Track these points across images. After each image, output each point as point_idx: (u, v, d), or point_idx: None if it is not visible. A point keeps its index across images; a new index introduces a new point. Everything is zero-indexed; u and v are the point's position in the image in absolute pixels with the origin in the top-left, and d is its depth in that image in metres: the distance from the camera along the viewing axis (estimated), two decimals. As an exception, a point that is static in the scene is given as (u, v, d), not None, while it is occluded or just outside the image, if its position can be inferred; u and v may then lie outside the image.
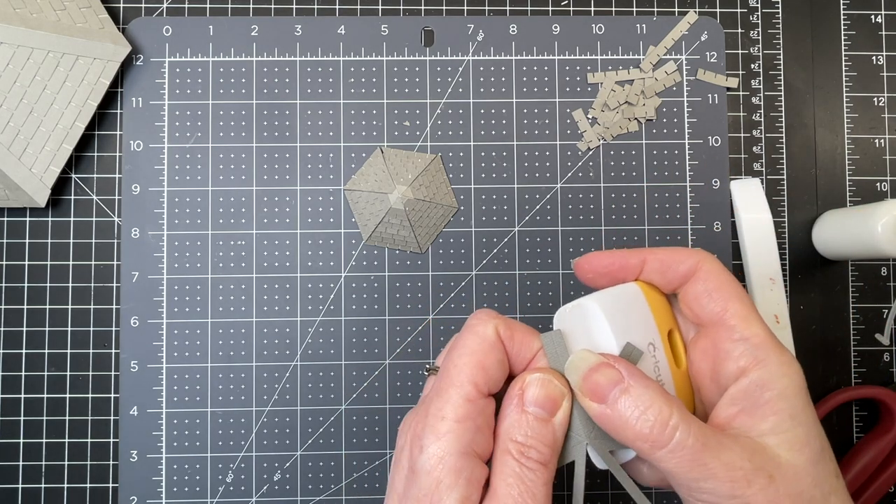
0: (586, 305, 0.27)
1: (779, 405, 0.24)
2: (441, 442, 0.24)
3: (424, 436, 0.24)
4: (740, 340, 0.25)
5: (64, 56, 0.40)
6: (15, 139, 0.40)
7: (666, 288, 0.28)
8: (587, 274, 0.29)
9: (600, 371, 0.25)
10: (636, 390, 0.24)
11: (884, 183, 0.45)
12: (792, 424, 0.24)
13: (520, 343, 0.27)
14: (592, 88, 0.45)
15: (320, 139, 0.44)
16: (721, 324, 0.26)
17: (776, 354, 0.25)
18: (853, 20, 0.46)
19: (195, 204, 0.44)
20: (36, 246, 0.44)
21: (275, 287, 0.44)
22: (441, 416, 0.25)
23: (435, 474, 0.24)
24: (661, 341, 0.27)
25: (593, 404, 0.25)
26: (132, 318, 0.43)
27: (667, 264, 0.27)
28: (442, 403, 0.25)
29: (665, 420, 0.23)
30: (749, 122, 0.46)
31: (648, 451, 0.24)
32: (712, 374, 0.27)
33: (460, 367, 0.25)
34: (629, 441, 0.24)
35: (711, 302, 0.26)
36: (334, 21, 0.45)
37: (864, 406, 0.45)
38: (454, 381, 0.25)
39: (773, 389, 0.24)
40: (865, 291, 0.45)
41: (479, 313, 0.27)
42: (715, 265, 0.27)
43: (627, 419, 0.24)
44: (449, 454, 0.24)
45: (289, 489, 0.43)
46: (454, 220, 0.44)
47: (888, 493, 0.44)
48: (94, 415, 0.43)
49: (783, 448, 0.24)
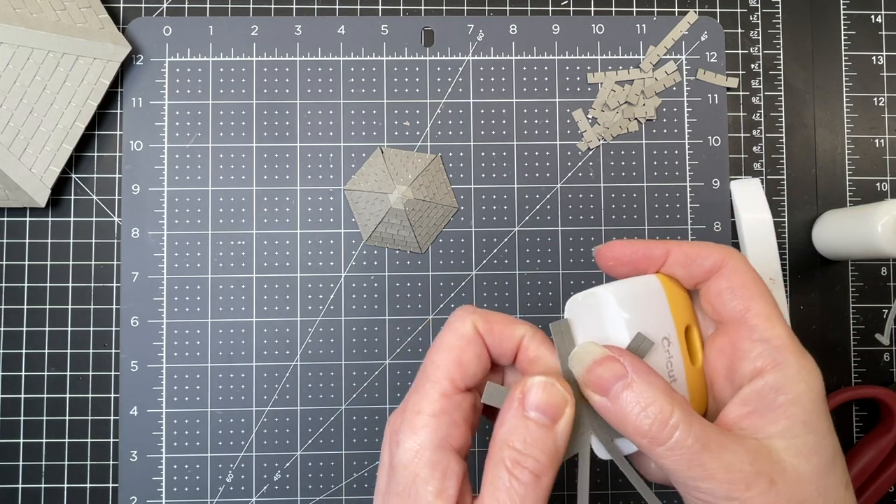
0: (600, 294, 0.26)
1: (792, 410, 0.24)
2: (417, 436, 0.24)
3: (401, 431, 0.25)
4: (760, 341, 0.25)
5: (64, 56, 0.40)
6: (15, 139, 0.40)
7: (688, 282, 0.28)
8: (608, 262, 0.28)
9: (604, 364, 0.24)
10: (639, 386, 0.24)
11: (884, 183, 0.45)
12: (803, 431, 0.24)
13: (499, 334, 0.26)
14: (592, 88, 0.45)
15: (320, 139, 0.44)
16: (742, 322, 0.25)
17: (796, 358, 0.25)
18: (853, 20, 0.46)
19: (195, 204, 0.44)
20: (36, 246, 0.44)
21: (275, 287, 0.44)
22: (417, 410, 0.25)
23: (411, 468, 0.24)
24: (677, 336, 0.27)
25: (595, 396, 0.25)
26: (132, 318, 0.43)
27: (691, 258, 0.27)
28: (418, 399, 0.25)
29: (665, 418, 0.23)
30: (749, 122, 0.46)
31: (647, 446, 0.23)
32: (727, 373, 0.26)
33: (437, 363, 0.26)
34: (629, 435, 0.24)
35: (734, 299, 0.26)
36: (334, 21, 0.45)
37: (864, 406, 0.45)
38: (430, 376, 0.25)
39: (788, 394, 0.24)
40: (865, 291, 0.45)
41: (458, 310, 0.27)
42: (741, 262, 0.26)
43: (628, 414, 0.24)
44: (424, 448, 0.24)
45: (289, 489, 0.43)
46: (454, 220, 0.44)
47: (888, 493, 0.44)
48: (94, 415, 0.43)
49: (790, 454, 0.23)
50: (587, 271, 0.44)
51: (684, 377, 0.27)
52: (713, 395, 0.27)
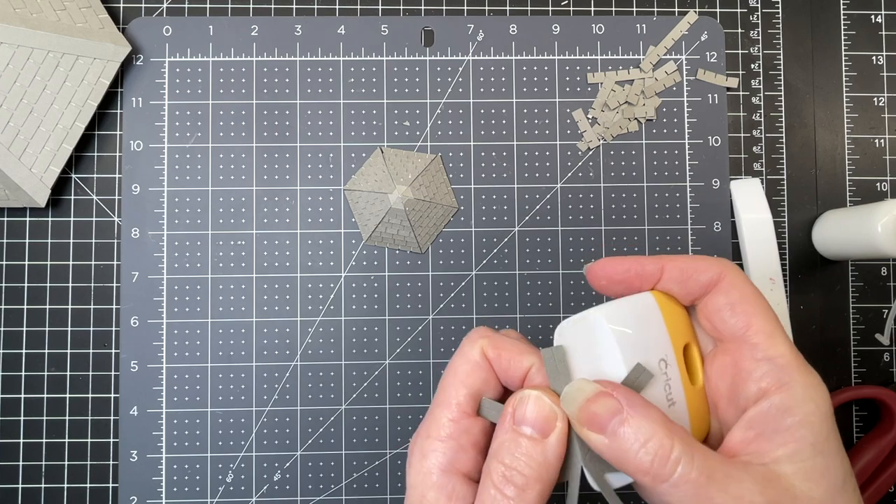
0: (592, 319, 0.25)
1: (800, 432, 0.23)
2: (426, 460, 0.25)
3: (414, 453, 0.26)
4: (763, 360, 0.24)
5: (64, 56, 0.40)
6: (15, 139, 0.40)
7: (685, 299, 0.27)
8: (600, 281, 0.27)
9: (598, 401, 0.24)
10: (636, 421, 0.23)
11: (884, 183, 0.45)
12: (812, 453, 0.23)
13: (507, 362, 0.26)
14: (592, 88, 0.45)
15: (320, 139, 0.44)
16: (743, 340, 0.25)
17: (802, 376, 0.24)
18: (853, 20, 0.46)
19: (195, 204, 0.44)
20: (36, 246, 0.44)
21: (275, 287, 0.44)
22: (427, 434, 0.26)
23: (420, 489, 0.25)
24: (675, 357, 0.25)
25: (592, 435, 0.24)
26: (132, 318, 0.43)
27: (687, 274, 0.26)
28: (430, 422, 0.26)
29: (666, 453, 0.22)
30: (749, 122, 0.46)
31: (650, 484, 0.22)
32: (730, 394, 0.25)
33: (446, 388, 0.26)
34: (631, 473, 0.23)
35: (734, 316, 0.25)
36: (334, 21, 0.45)
37: (864, 406, 0.45)
38: (440, 401, 0.26)
39: (795, 415, 0.23)
40: (865, 291, 0.45)
41: (471, 333, 0.27)
42: (739, 276, 0.25)
43: (627, 451, 0.23)
44: (431, 472, 0.25)
45: (289, 489, 0.43)
46: (454, 220, 0.44)
47: (888, 493, 0.44)
48: (94, 415, 0.43)
49: (799, 478, 0.22)
50: (587, 271, 0.44)
51: (684, 400, 0.25)
52: (716, 417, 0.26)
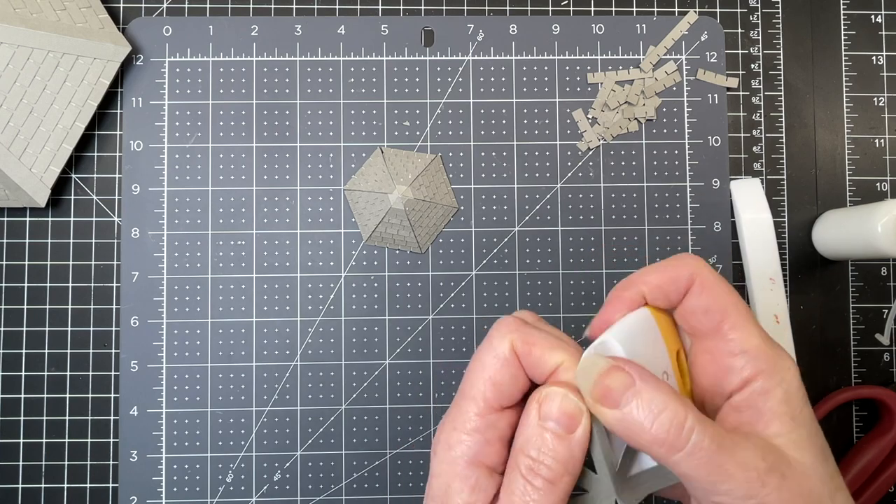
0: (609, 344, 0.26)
1: (780, 409, 0.24)
2: (452, 451, 0.26)
3: (440, 442, 0.26)
4: (741, 354, 0.25)
5: (64, 56, 0.40)
6: (15, 139, 0.40)
7: (670, 307, 0.28)
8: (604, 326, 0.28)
9: (611, 375, 0.24)
10: (649, 393, 0.24)
11: (884, 183, 0.45)
12: (794, 426, 0.24)
13: (537, 359, 0.26)
14: (592, 88, 0.45)
15: (320, 139, 0.44)
16: (720, 336, 0.26)
17: (774, 360, 0.25)
18: (853, 20, 0.46)
19: (195, 204, 0.44)
20: (36, 246, 0.44)
21: (275, 287, 0.44)
22: (453, 427, 0.26)
23: (444, 478, 0.25)
24: (672, 367, 0.27)
25: (607, 411, 0.24)
26: (132, 318, 0.43)
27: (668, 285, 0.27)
28: (456, 414, 0.26)
29: (681, 422, 0.23)
30: (749, 122, 0.46)
31: (665, 455, 0.23)
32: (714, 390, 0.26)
33: (473, 381, 0.26)
34: (645, 446, 0.24)
35: (707, 315, 0.26)
36: (334, 21, 0.45)
37: (864, 406, 0.45)
38: (467, 394, 0.26)
39: (774, 396, 0.24)
40: (865, 291, 0.45)
41: (500, 324, 0.27)
42: (708, 276, 0.26)
43: (642, 423, 0.23)
44: (456, 463, 0.25)
45: (289, 489, 0.43)
46: (454, 220, 0.44)
47: (888, 493, 0.44)
48: (94, 415, 0.43)
49: (789, 448, 0.24)
50: (587, 271, 0.44)
51: None
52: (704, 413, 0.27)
